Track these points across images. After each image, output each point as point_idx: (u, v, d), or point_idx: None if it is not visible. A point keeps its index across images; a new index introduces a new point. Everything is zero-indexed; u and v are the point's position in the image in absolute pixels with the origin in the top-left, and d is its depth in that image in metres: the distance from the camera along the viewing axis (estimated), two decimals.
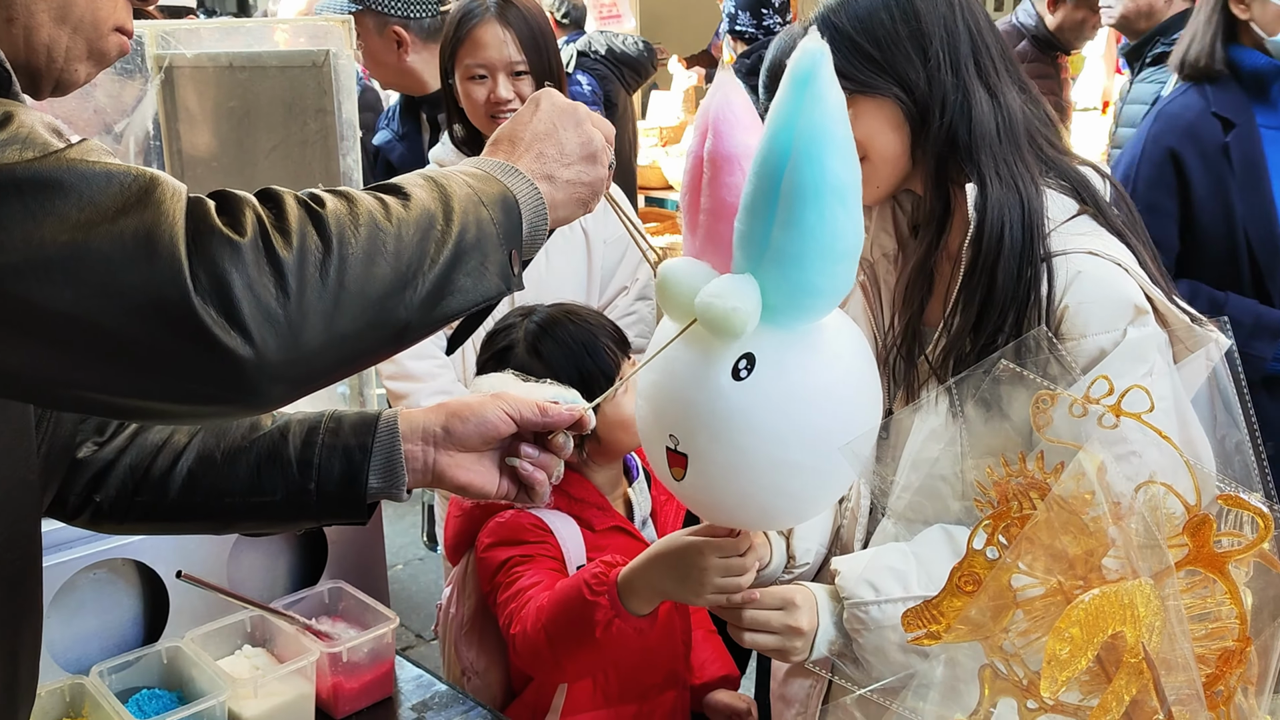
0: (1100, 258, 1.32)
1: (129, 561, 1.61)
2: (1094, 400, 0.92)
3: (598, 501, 1.61)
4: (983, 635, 0.85)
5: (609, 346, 1.57)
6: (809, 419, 1.13)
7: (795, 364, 1.12)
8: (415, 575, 4.07)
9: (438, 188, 0.95)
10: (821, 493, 1.23)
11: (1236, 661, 0.86)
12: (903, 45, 1.35)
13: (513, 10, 2.23)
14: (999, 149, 1.35)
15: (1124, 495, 0.87)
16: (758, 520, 1.29)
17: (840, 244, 1.07)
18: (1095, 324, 1.29)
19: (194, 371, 0.80)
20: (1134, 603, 0.77)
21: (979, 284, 1.33)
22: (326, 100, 1.73)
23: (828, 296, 1.12)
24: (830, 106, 1.04)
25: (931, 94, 1.35)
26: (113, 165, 0.79)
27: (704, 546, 1.31)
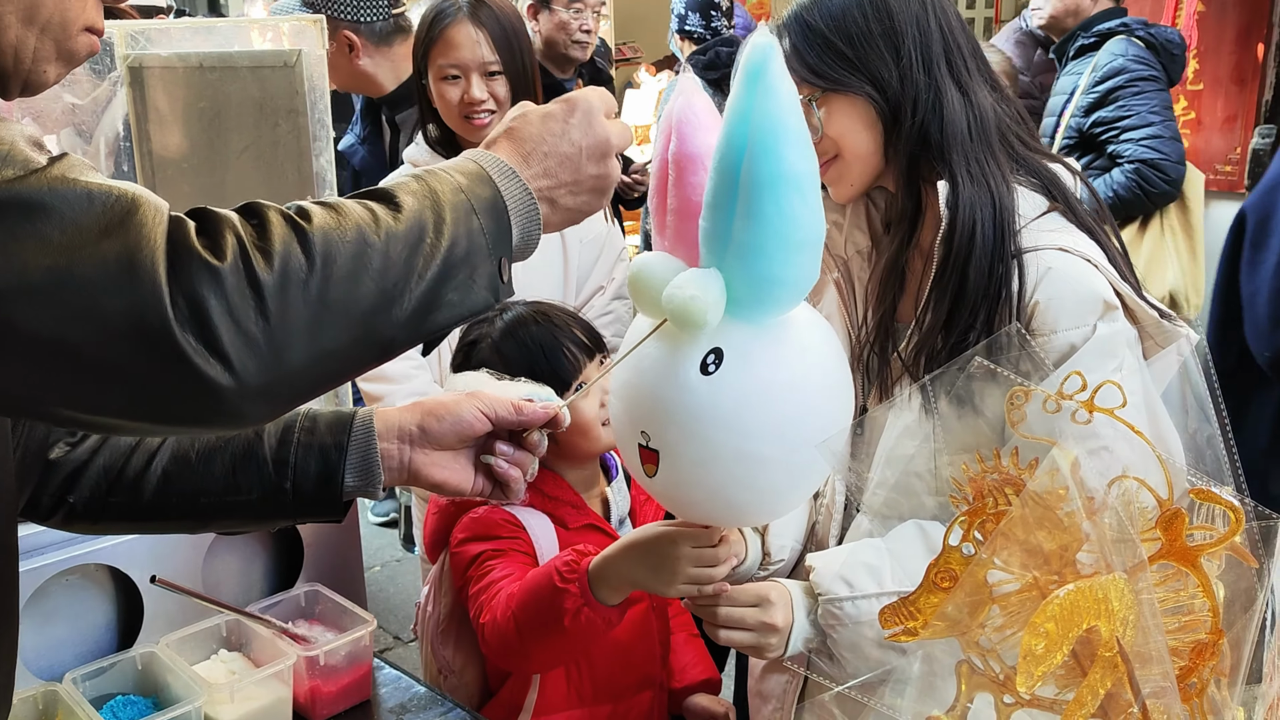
0: (1070, 254, 1.33)
1: (102, 567, 1.60)
2: (1067, 396, 0.93)
3: (572, 499, 1.61)
4: (959, 631, 0.86)
5: (569, 350, 1.57)
6: (777, 412, 1.13)
7: (763, 357, 1.13)
8: (393, 577, 4.05)
9: (430, 195, 0.94)
10: (794, 487, 1.24)
11: (1209, 654, 0.87)
12: (875, 43, 1.37)
13: (485, 10, 2.23)
14: (970, 147, 1.36)
15: (1097, 490, 0.88)
16: (731, 516, 1.30)
17: (799, 233, 1.08)
18: (1066, 319, 1.30)
19: (174, 395, 0.80)
20: (1108, 597, 0.78)
21: (950, 281, 1.34)
22: (298, 100, 1.72)
23: (791, 287, 1.12)
24: (782, 98, 1.04)
25: (904, 92, 1.36)
26: (94, 185, 0.78)
27: (676, 536, 1.32)
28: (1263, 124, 4.89)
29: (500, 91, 2.23)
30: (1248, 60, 4.87)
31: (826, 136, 1.41)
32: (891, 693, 0.94)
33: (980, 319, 1.32)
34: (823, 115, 1.40)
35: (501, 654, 1.46)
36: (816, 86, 1.39)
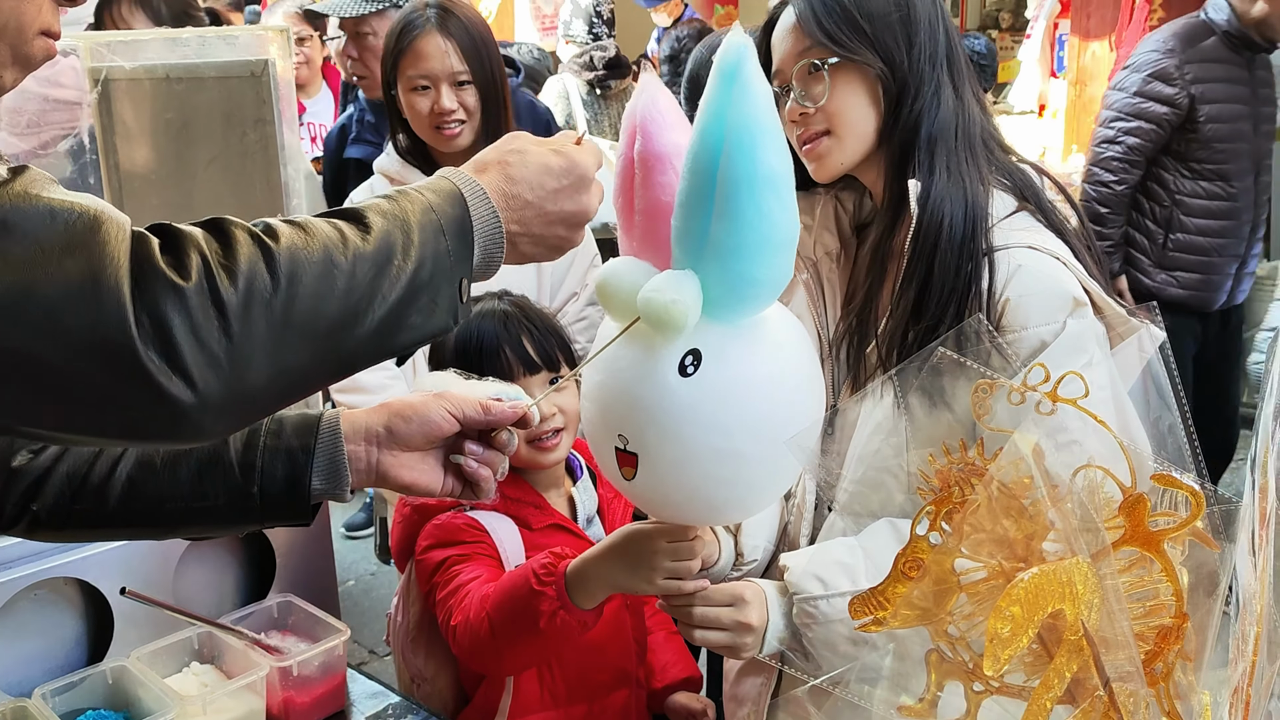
0: (1039, 252, 1.35)
1: (71, 580, 1.58)
2: (1031, 387, 0.94)
3: (534, 500, 1.61)
4: (928, 620, 0.86)
5: (507, 358, 1.57)
6: (755, 410, 1.14)
7: (739, 357, 1.14)
8: (368, 590, 4.03)
9: (400, 216, 0.94)
10: (770, 484, 1.25)
11: (1174, 638, 0.88)
12: (893, 25, 1.38)
13: (453, 20, 2.23)
14: (954, 145, 1.39)
15: (1061, 479, 0.89)
16: (709, 515, 1.30)
17: (777, 234, 1.09)
18: (1036, 316, 1.32)
19: (136, 411, 0.81)
20: (1072, 580, 0.79)
21: (916, 274, 1.36)
22: (266, 110, 1.72)
23: (768, 287, 1.13)
24: (758, 97, 1.05)
25: (909, 79, 1.39)
26: (56, 201, 0.78)
27: (653, 533, 1.32)
28: None
29: (470, 101, 2.23)
30: None
31: (823, 109, 1.41)
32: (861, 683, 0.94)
33: (949, 314, 1.34)
34: (828, 81, 1.39)
35: (474, 655, 1.46)
36: (830, 52, 1.39)
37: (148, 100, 2.00)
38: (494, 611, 1.40)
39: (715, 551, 1.45)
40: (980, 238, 1.35)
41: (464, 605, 1.45)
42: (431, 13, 2.24)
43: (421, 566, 1.58)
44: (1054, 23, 5.51)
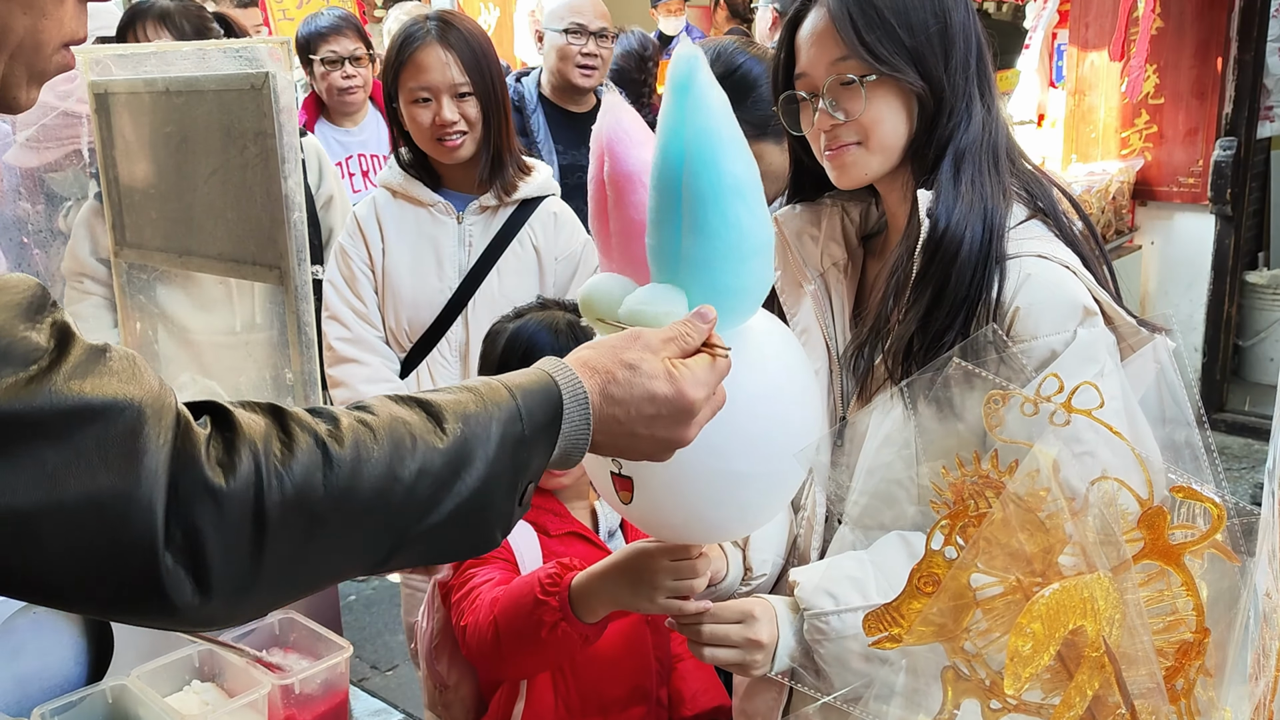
0: (1050, 261, 1.34)
1: None
2: (1045, 398, 0.93)
3: (554, 508, 1.61)
4: (944, 636, 0.85)
5: None
6: (747, 425, 1.12)
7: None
8: (369, 605, 4.01)
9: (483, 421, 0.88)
10: (768, 499, 1.23)
11: (1195, 653, 0.87)
12: (932, 40, 1.34)
13: (454, 32, 2.23)
14: (980, 159, 1.36)
15: (1078, 491, 0.88)
16: (709, 534, 1.29)
17: (748, 241, 1.08)
18: (1046, 325, 1.30)
19: (139, 610, 0.78)
20: (1093, 596, 0.77)
21: (931, 283, 1.33)
22: (266, 123, 1.70)
23: (746, 296, 1.12)
24: (713, 107, 1.04)
25: (945, 96, 1.35)
26: (98, 398, 0.73)
27: (655, 551, 1.31)
28: (1223, 136, 4.96)
29: (471, 112, 2.23)
30: (1207, 74, 4.95)
31: (858, 121, 1.37)
32: (876, 701, 0.93)
33: (958, 323, 1.32)
34: (865, 94, 1.35)
35: (479, 657, 1.46)
36: (869, 68, 1.35)
37: (147, 113, 1.99)
38: (500, 616, 1.40)
39: (723, 567, 1.43)
40: (995, 246, 1.33)
41: (474, 607, 1.45)
42: (432, 25, 2.24)
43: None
44: (1053, 33, 5.51)
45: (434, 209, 2.30)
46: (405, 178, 2.32)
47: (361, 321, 2.31)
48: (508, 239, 2.29)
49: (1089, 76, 5.31)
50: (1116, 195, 5.07)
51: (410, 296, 2.30)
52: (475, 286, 2.28)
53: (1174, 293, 5.26)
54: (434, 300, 2.29)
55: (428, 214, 2.31)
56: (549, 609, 1.35)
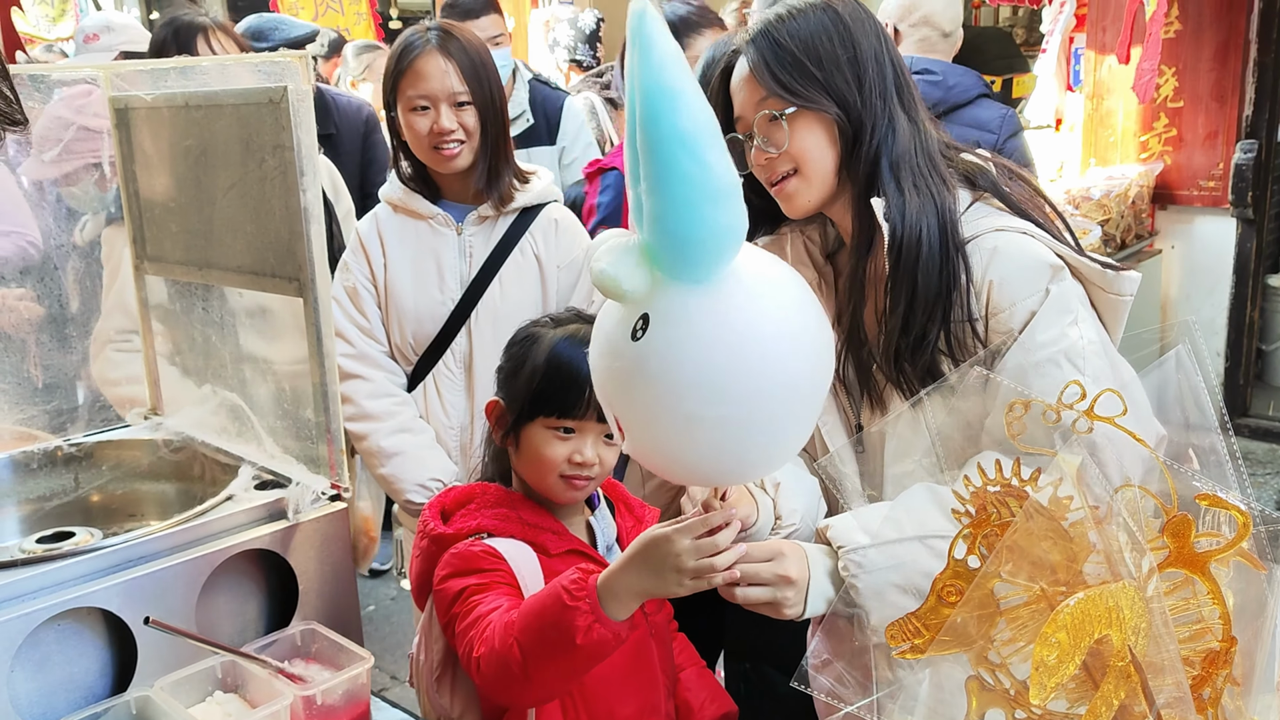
0: (1007, 231, 1.44)
1: (95, 610, 1.57)
2: (1067, 406, 0.92)
3: (552, 526, 1.59)
4: (967, 645, 0.84)
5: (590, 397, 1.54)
6: (708, 369, 1.11)
7: (691, 316, 1.12)
8: (389, 615, 4.01)
9: None
10: (750, 444, 1.19)
11: (1222, 662, 0.86)
12: (842, 69, 1.45)
13: (454, 42, 2.24)
14: (918, 164, 1.46)
15: (1102, 499, 0.87)
16: (691, 476, 1.32)
17: (699, 191, 1.07)
18: (1021, 290, 1.40)
19: None
20: (1119, 605, 0.77)
21: (904, 284, 1.41)
22: (284, 136, 1.71)
23: (708, 243, 1.11)
24: (657, 58, 1.05)
25: (864, 117, 1.46)
26: None
27: (671, 534, 1.30)
28: (1244, 139, 4.93)
29: (469, 121, 2.23)
30: (1227, 77, 4.93)
31: (787, 153, 1.48)
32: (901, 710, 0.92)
33: (938, 313, 1.40)
34: (787, 128, 1.47)
35: (500, 684, 1.42)
36: (786, 102, 1.46)
37: (167, 128, 2.01)
38: (522, 635, 1.37)
39: (754, 512, 1.45)
40: (952, 239, 1.42)
41: (486, 636, 1.42)
42: (432, 34, 2.25)
43: (440, 596, 1.56)
44: (1069, 37, 5.49)
45: (433, 221, 2.31)
46: (405, 191, 2.32)
47: (365, 337, 2.31)
48: (508, 248, 2.29)
49: (1107, 80, 5.29)
50: (1136, 199, 5.04)
51: (413, 310, 2.30)
52: (477, 297, 2.28)
53: (1195, 297, 5.23)
54: (437, 313, 2.29)
55: (428, 227, 2.31)
56: (580, 613, 1.32)
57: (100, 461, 2.05)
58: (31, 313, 2.24)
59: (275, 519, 1.74)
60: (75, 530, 1.83)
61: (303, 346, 1.79)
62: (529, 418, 1.55)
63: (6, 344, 2.17)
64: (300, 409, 1.85)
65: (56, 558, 1.58)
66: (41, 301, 2.27)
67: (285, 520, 1.74)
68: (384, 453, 2.25)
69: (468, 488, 1.65)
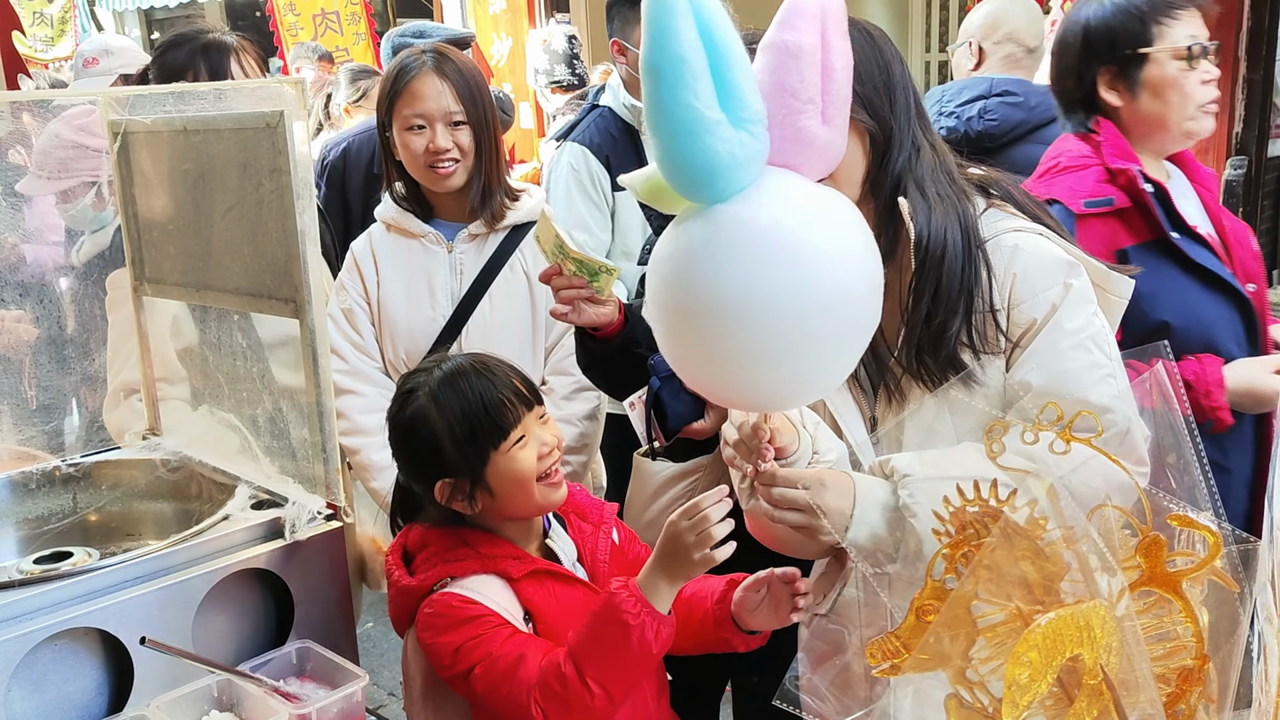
0: (1025, 232, 1.53)
1: (91, 630, 1.59)
2: (1044, 426, 0.94)
3: (511, 553, 1.60)
4: (945, 664, 0.86)
5: (509, 399, 1.57)
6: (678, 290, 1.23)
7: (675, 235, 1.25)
8: (386, 632, 4.02)
9: None
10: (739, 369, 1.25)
11: (1196, 679, 0.88)
12: (880, 89, 1.52)
13: (449, 63, 2.28)
14: (938, 179, 1.54)
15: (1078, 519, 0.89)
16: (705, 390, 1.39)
17: (663, 120, 1.14)
18: (1042, 282, 1.49)
19: None
20: (1090, 624, 0.78)
21: (928, 284, 1.49)
22: (281, 160, 1.73)
23: (682, 170, 1.18)
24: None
25: (894, 136, 1.53)
26: None
27: (674, 520, 1.44)
28: (1234, 155, 4.96)
29: (465, 141, 2.26)
30: None
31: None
32: None
33: (959, 309, 1.48)
34: None
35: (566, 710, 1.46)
36: None
37: (165, 151, 2.03)
38: (600, 674, 1.44)
39: (794, 440, 1.50)
40: (973, 241, 1.51)
41: (542, 684, 1.47)
42: (428, 56, 2.29)
43: (434, 655, 1.57)
44: None
45: (425, 240, 2.34)
46: (398, 211, 2.35)
47: (359, 354, 2.34)
48: (499, 265, 2.32)
49: None
50: None
51: (406, 327, 2.33)
52: (468, 314, 2.31)
53: None
54: (428, 329, 2.32)
55: (419, 245, 2.34)
56: (647, 627, 1.42)
57: (98, 482, 2.07)
58: (28, 334, 2.26)
59: (272, 538, 1.76)
60: (73, 550, 1.85)
61: (299, 367, 1.81)
62: (483, 462, 1.56)
63: (5, 365, 2.19)
64: (296, 429, 1.87)
65: (53, 578, 1.60)
66: (39, 322, 2.29)
67: (281, 539, 1.75)
68: (375, 466, 2.27)
69: (422, 531, 1.67)
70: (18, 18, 8.27)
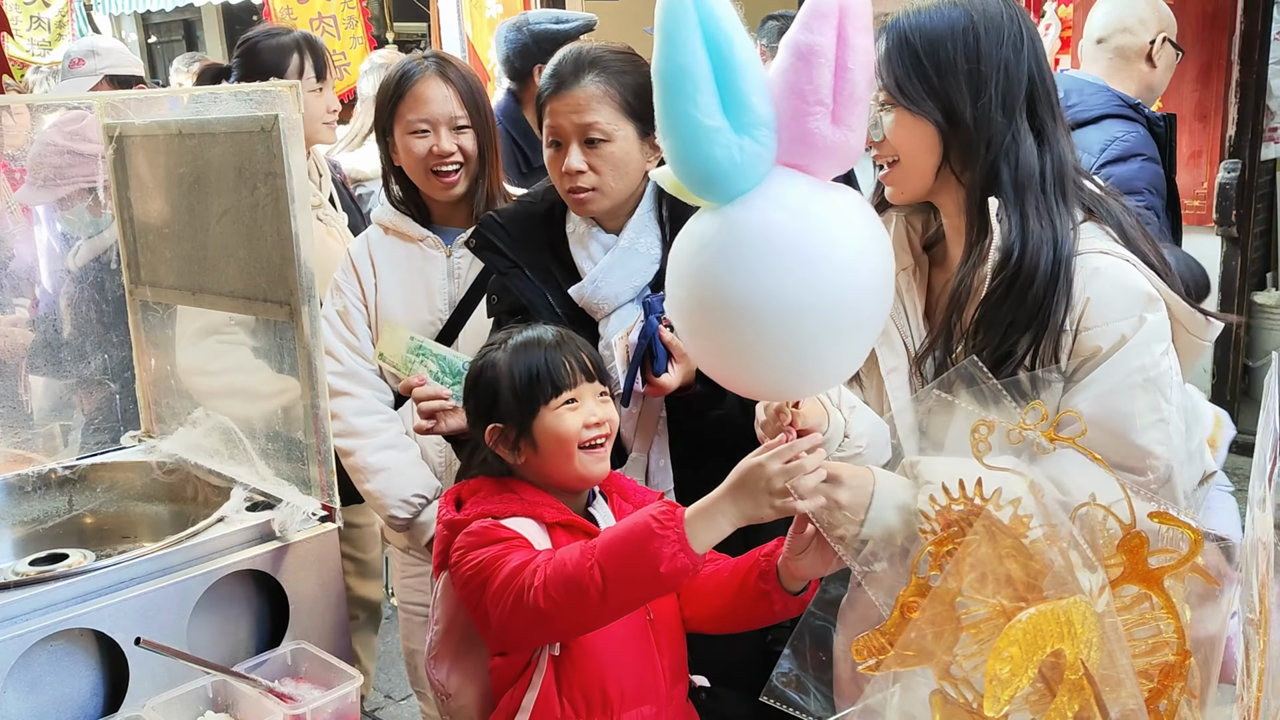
0: (1112, 256, 1.44)
1: (87, 631, 1.60)
2: (1029, 427, 0.95)
3: (550, 503, 1.64)
4: (929, 660, 0.87)
5: (570, 366, 1.65)
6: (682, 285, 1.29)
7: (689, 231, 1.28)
8: (382, 635, 4.01)
9: None
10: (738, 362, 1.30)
11: (1178, 675, 0.89)
12: (959, 79, 1.44)
13: (451, 69, 2.29)
14: (1042, 188, 1.44)
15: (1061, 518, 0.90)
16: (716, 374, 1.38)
17: (671, 128, 1.20)
18: (1115, 311, 1.40)
19: None
20: (1071, 620, 0.79)
21: (1005, 310, 1.42)
22: (276, 164, 1.74)
23: (685, 167, 1.23)
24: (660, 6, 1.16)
25: (977, 131, 1.45)
26: None
27: (764, 460, 1.38)
28: (1227, 158, 4.98)
29: (468, 145, 2.27)
30: (1209, 97, 4.98)
31: (888, 142, 1.51)
32: None
33: (1028, 338, 1.41)
34: (890, 121, 1.49)
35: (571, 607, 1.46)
36: (894, 99, 1.48)
37: (161, 154, 2.04)
38: (604, 559, 1.43)
39: (824, 421, 1.49)
40: (1063, 274, 1.42)
41: (553, 563, 1.47)
42: (430, 61, 2.30)
43: (458, 569, 1.58)
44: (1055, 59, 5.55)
45: (424, 244, 2.34)
46: (396, 214, 2.36)
47: (354, 355, 2.34)
48: None
49: None
50: None
51: None
52: (465, 318, 2.32)
53: None
54: (425, 332, 2.32)
55: (418, 249, 2.35)
56: (668, 541, 1.39)
57: (94, 484, 2.08)
58: (23, 338, 2.27)
59: (267, 540, 1.77)
60: (69, 552, 1.86)
61: (294, 370, 1.82)
62: (532, 414, 1.62)
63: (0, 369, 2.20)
64: (291, 431, 1.88)
65: (49, 579, 1.60)
66: (35, 326, 2.30)
67: (276, 541, 1.76)
68: (370, 469, 2.28)
69: (476, 481, 1.71)
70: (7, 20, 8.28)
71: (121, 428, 2.26)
